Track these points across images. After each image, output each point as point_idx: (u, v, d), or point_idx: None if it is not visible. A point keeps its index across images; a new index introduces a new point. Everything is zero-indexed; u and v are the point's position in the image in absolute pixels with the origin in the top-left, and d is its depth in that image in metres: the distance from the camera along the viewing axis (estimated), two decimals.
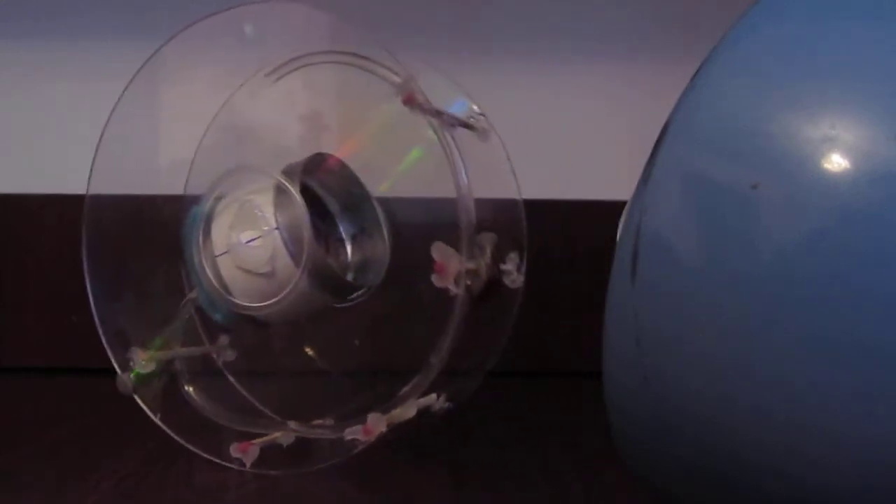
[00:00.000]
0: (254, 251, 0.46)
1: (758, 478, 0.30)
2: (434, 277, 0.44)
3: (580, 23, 0.70)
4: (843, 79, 0.30)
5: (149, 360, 0.49)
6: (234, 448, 0.46)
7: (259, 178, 0.48)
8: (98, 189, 0.50)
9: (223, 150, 0.52)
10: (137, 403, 0.49)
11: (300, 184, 0.47)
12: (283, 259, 0.46)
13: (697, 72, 0.33)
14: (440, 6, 0.70)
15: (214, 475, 0.47)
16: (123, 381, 0.48)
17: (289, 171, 0.48)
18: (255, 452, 0.46)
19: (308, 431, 0.48)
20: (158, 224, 0.50)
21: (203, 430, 0.48)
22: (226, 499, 0.45)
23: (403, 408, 0.45)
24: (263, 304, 0.47)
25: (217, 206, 0.48)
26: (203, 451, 0.47)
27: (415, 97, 0.44)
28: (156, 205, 0.51)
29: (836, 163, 0.29)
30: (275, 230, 0.46)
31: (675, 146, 0.32)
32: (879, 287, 0.28)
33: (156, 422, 0.48)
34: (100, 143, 0.49)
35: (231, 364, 0.53)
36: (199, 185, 0.49)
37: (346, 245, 0.52)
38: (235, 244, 0.47)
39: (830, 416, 0.28)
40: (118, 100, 0.49)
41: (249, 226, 0.47)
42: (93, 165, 0.49)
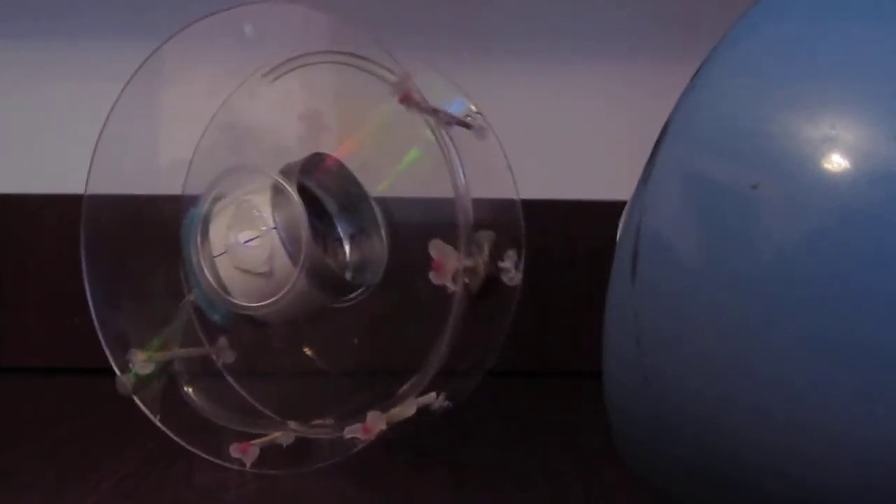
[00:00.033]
0: (252, 251, 0.46)
1: (758, 478, 0.30)
2: (432, 275, 0.44)
3: (580, 23, 0.70)
4: (843, 79, 0.30)
5: (147, 362, 0.49)
6: (234, 448, 0.46)
7: (256, 178, 0.48)
8: (96, 189, 0.50)
9: (222, 150, 0.52)
10: (137, 404, 0.49)
11: (298, 184, 0.47)
12: (282, 258, 0.46)
13: (697, 72, 0.33)
14: (440, 6, 0.70)
15: (214, 475, 0.47)
16: (123, 383, 0.48)
17: (286, 171, 0.48)
18: (255, 452, 0.46)
19: (308, 431, 0.48)
20: (157, 224, 0.50)
21: (203, 431, 0.48)
22: (226, 499, 0.45)
23: (403, 406, 0.45)
24: (262, 304, 0.47)
25: (215, 207, 0.48)
26: (203, 452, 0.47)
27: (411, 95, 0.44)
28: (155, 205, 0.51)
29: (836, 163, 0.29)
30: (272, 230, 0.46)
31: (675, 146, 0.32)
32: (879, 287, 0.27)
33: (156, 423, 0.48)
34: (98, 143, 0.49)
35: (230, 365, 0.53)
36: (198, 185, 0.49)
37: (345, 245, 0.52)
38: (233, 244, 0.47)
39: (830, 416, 0.28)
40: (116, 99, 0.49)
41: (247, 226, 0.47)
42: (91, 165, 0.49)
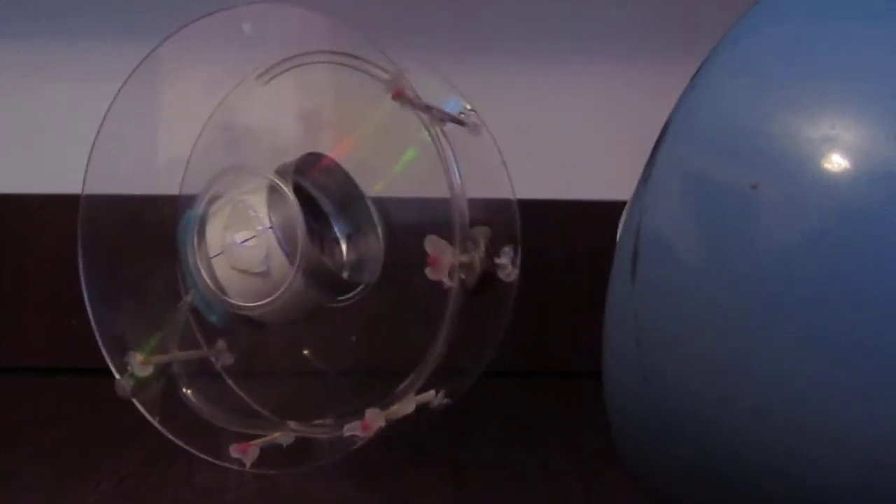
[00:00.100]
0: (248, 251, 0.46)
1: (758, 478, 0.30)
2: (428, 270, 0.43)
3: (580, 23, 0.70)
4: (843, 79, 0.30)
5: (146, 364, 0.49)
6: (234, 448, 0.46)
7: (252, 178, 0.48)
8: (93, 189, 0.50)
9: (219, 150, 0.52)
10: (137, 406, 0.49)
11: (294, 184, 0.47)
12: (278, 258, 0.46)
13: (697, 72, 0.33)
14: (440, 6, 0.70)
15: (214, 475, 0.47)
16: (122, 386, 0.48)
17: (281, 171, 0.48)
18: (255, 453, 0.46)
19: (307, 431, 0.48)
20: (155, 224, 0.50)
21: (202, 432, 0.48)
22: (226, 499, 0.45)
23: (402, 403, 0.45)
24: (259, 304, 0.47)
25: (211, 208, 0.48)
26: (203, 453, 0.47)
27: (404, 92, 0.44)
28: (152, 204, 0.51)
29: (836, 163, 0.29)
30: (269, 229, 0.46)
31: (675, 146, 0.32)
32: (879, 287, 0.27)
33: (155, 425, 0.48)
34: (95, 143, 0.49)
35: (229, 366, 0.53)
36: (195, 185, 0.49)
37: (341, 244, 0.52)
38: (230, 245, 0.47)
39: (830, 416, 0.28)
40: (114, 99, 0.49)
41: (244, 226, 0.47)
42: (88, 165, 0.49)
